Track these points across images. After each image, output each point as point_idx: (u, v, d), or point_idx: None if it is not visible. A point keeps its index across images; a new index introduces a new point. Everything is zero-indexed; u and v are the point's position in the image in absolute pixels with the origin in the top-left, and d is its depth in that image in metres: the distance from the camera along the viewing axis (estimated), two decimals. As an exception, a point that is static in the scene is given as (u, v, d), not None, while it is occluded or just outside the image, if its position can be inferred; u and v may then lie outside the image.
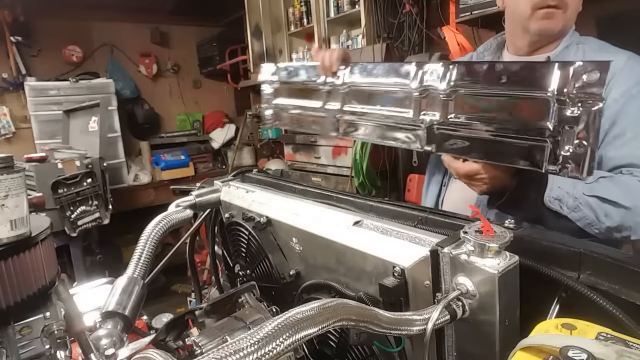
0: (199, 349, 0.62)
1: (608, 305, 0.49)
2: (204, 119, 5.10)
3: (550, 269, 0.55)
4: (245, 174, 1.22)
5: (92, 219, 2.94)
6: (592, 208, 0.87)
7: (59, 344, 0.67)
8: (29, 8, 3.72)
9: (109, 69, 4.39)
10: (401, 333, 0.51)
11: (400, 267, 0.59)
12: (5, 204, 0.67)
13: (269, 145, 4.48)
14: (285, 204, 0.87)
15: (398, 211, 0.79)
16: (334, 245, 0.71)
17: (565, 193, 0.87)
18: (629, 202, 0.85)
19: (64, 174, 2.80)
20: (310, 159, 3.19)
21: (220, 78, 4.89)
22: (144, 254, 0.80)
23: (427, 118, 0.89)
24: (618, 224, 0.86)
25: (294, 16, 3.69)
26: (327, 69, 1.11)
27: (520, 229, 0.64)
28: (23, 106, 3.84)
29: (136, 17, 4.49)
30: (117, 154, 3.96)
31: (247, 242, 0.96)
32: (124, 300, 0.71)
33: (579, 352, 0.38)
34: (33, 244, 0.73)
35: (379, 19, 2.91)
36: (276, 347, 0.39)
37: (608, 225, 0.86)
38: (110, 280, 0.92)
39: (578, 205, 0.87)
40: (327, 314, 0.44)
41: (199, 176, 4.44)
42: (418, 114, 0.91)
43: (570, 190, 0.87)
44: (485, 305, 0.52)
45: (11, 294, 0.69)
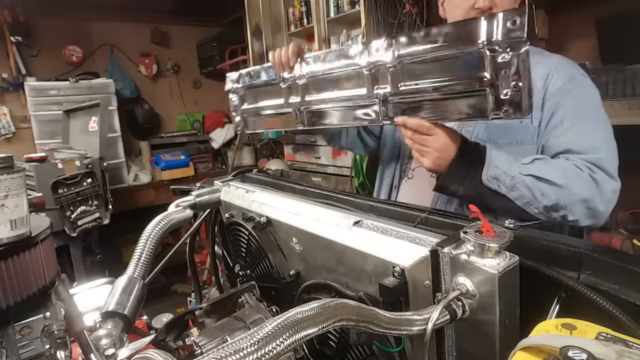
0: (199, 349, 0.62)
1: (608, 305, 0.49)
2: (204, 119, 5.09)
3: (550, 269, 0.55)
4: (245, 174, 1.22)
5: (92, 219, 2.94)
6: (528, 187, 0.91)
7: (59, 344, 0.67)
8: (29, 8, 3.72)
9: (109, 69, 4.39)
10: (401, 333, 0.51)
11: (400, 267, 0.59)
12: (5, 204, 0.67)
13: (269, 145, 4.48)
14: (285, 204, 0.87)
15: (398, 211, 0.79)
16: (334, 245, 0.71)
17: (502, 172, 0.91)
18: (562, 181, 0.90)
19: (64, 174, 2.80)
20: (310, 159, 3.19)
21: (220, 78, 4.83)
22: (144, 254, 0.80)
23: (381, 92, 0.96)
24: (554, 203, 0.91)
25: (294, 16, 3.69)
26: (285, 65, 1.16)
27: (520, 229, 0.64)
28: (23, 106, 3.84)
29: (136, 17, 4.49)
30: (117, 154, 3.96)
31: (247, 242, 0.96)
32: (124, 300, 0.71)
33: (579, 352, 0.38)
34: (33, 244, 0.73)
35: (379, 19, 2.91)
36: (276, 347, 0.38)
37: (545, 204, 0.91)
38: (110, 280, 0.92)
39: (515, 184, 0.91)
40: (327, 314, 0.44)
41: (199, 176, 4.44)
42: (372, 90, 0.97)
43: (507, 169, 0.91)
44: (485, 305, 0.52)
45: (11, 294, 0.69)
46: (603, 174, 0.94)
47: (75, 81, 3.78)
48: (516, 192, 0.91)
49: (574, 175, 0.92)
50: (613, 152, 0.98)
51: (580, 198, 0.91)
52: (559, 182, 0.90)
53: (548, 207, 0.91)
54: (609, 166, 0.95)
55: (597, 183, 0.92)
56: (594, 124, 1.00)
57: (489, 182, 0.91)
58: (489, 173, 0.91)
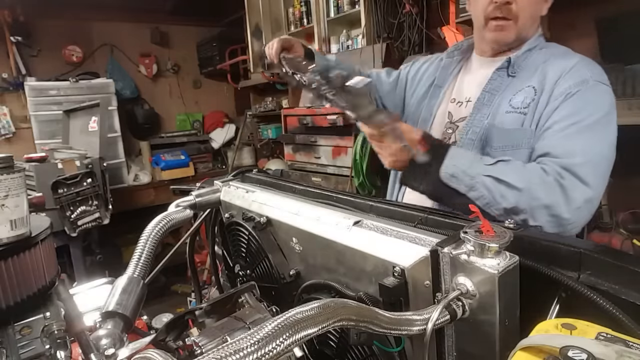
0: (199, 349, 0.62)
1: (608, 305, 0.49)
2: (204, 119, 5.10)
3: (550, 269, 0.55)
4: (245, 174, 1.21)
5: (92, 219, 2.94)
6: (488, 188, 0.89)
7: (59, 344, 0.67)
8: (29, 8, 3.72)
9: (109, 69, 4.39)
10: (401, 333, 0.51)
11: (400, 267, 0.59)
12: (5, 204, 0.67)
13: (269, 145, 4.48)
14: (285, 204, 0.87)
15: (398, 211, 0.79)
16: (334, 245, 0.71)
17: (460, 171, 0.91)
18: (522, 184, 0.88)
19: (64, 174, 2.80)
20: (310, 159, 3.19)
21: (220, 78, 4.89)
22: (144, 254, 0.80)
23: None
24: (513, 206, 0.88)
25: (294, 16, 3.69)
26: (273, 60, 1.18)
27: (520, 229, 0.64)
28: (23, 106, 3.84)
29: (136, 17, 4.49)
30: (117, 154, 3.96)
31: (247, 242, 0.96)
32: (124, 300, 0.71)
33: (579, 352, 0.38)
34: (33, 244, 0.73)
35: (379, 19, 2.91)
36: (276, 347, 0.38)
37: (504, 207, 0.89)
38: (110, 280, 0.92)
39: (475, 184, 0.90)
40: (327, 314, 0.44)
41: (199, 176, 4.45)
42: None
43: (467, 169, 0.91)
44: (485, 305, 0.52)
45: (11, 294, 0.69)
46: (575, 180, 0.89)
47: (75, 81, 3.78)
48: (476, 192, 0.90)
49: (537, 179, 0.89)
50: (597, 160, 0.92)
51: (541, 203, 0.87)
52: (518, 186, 0.88)
53: (508, 209, 0.89)
54: (585, 173, 0.89)
55: (563, 189, 0.88)
56: (585, 130, 0.94)
57: (447, 180, 0.92)
58: (447, 171, 0.92)
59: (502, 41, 1.11)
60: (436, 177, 0.93)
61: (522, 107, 1.03)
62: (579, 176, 0.89)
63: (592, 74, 0.99)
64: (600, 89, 0.99)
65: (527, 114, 1.02)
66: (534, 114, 1.01)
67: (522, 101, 1.03)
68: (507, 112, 1.05)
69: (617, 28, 2.04)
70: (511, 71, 1.09)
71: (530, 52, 1.10)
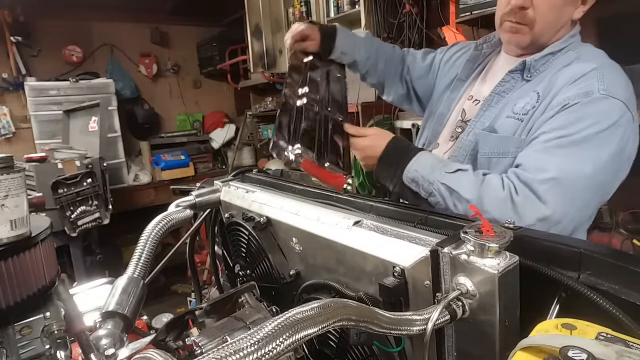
0: (199, 349, 0.62)
1: (608, 305, 0.49)
2: (204, 119, 5.10)
3: (550, 269, 0.55)
4: (245, 174, 1.21)
5: (92, 219, 2.94)
6: (443, 195, 0.92)
7: (59, 344, 0.67)
8: (29, 8, 3.72)
9: (109, 69, 4.39)
10: (401, 333, 0.51)
11: (400, 267, 0.59)
12: (5, 204, 0.67)
13: (269, 145, 4.47)
14: (285, 204, 0.87)
15: (398, 211, 0.79)
16: (334, 245, 0.71)
17: (420, 176, 0.94)
18: (472, 196, 0.88)
19: (64, 174, 2.80)
20: (310, 159, 3.18)
21: (220, 78, 4.89)
22: (144, 254, 0.80)
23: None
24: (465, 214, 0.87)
25: (294, 16, 3.68)
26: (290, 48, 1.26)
27: (520, 229, 0.64)
28: (23, 106, 3.84)
29: (136, 17, 4.49)
30: (117, 154, 3.96)
31: (247, 242, 0.96)
32: (124, 300, 0.71)
33: (579, 352, 0.38)
34: (33, 244, 0.73)
35: (379, 19, 2.91)
36: (276, 347, 0.38)
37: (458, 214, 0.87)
38: (110, 280, 0.92)
39: (433, 191, 0.93)
40: (327, 314, 0.44)
41: (199, 176, 4.45)
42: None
43: (427, 175, 0.94)
44: (485, 305, 0.52)
45: (11, 294, 0.69)
46: (531, 196, 0.84)
47: (75, 81, 3.78)
48: (434, 198, 0.93)
49: (491, 192, 0.87)
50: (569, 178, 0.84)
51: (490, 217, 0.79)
52: (468, 197, 0.88)
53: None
54: (545, 190, 0.83)
55: (514, 205, 0.84)
56: (569, 145, 0.86)
57: (408, 184, 0.96)
58: (408, 175, 0.96)
59: (516, 43, 1.05)
60: (400, 180, 0.98)
61: (521, 114, 0.98)
62: (537, 193, 0.84)
63: (605, 85, 0.88)
64: (606, 103, 0.87)
65: (524, 121, 0.97)
66: (529, 122, 0.95)
67: (522, 107, 0.98)
68: (507, 117, 1.00)
69: (617, 28, 2.04)
70: (527, 75, 1.02)
71: (553, 56, 1.01)
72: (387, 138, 1.03)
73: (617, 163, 0.89)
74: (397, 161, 0.99)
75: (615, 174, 0.91)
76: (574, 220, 0.88)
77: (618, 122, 0.87)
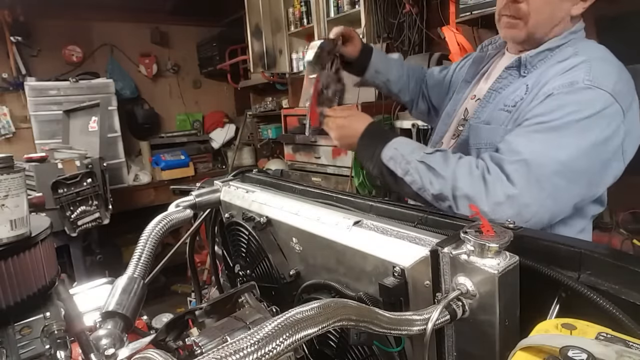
0: (199, 349, 0.62)
1: (608, 305, 0.49)
2: (204, 119, 5.10)
3: (550, 269, 0.55)
4: (245, 174, 1.21)
5: (92, 219, 2.94)
6: (419, 173, 0.95)
7: (59, 344, 0.67)
8: (29, 8, 3.72)
9: (109, 69, 4.39)
10: (401, 333, 0.51)
11: (400, 267, 0.59)
12: (5, 204, 0.67)
13: (269, 145, 4.48)
14: (285, 204, 0.87)
15: (398, 211, 0.79)
16: (334, 245, 0.71)
17: (399, 154, 0.98)
18: (447, 173, 0.92)
19: (64, 174, 2.80)
20: (310, 159, 3.19)
21: (220, 78, 4.89)
22: (144, 254, 0.80)
23: None
24: (439, 192, 0.92)
25: (294, 16, 3.69)
26: None
27: (520, 229, 0.64)
28: (23, 106, 3.84)
29: (136, 17, 4.49)
30: (117, 154, 3.96)
31: (247, 242, 0.96)
32: (124, 300, 0.71)
33: (579, 352, 0.38)
34: (33, 244, 0.73)
35: (379, 19, 2.91)
36: (276, 347, 0.38)
37: (432, 192, 0.94)
38: (110, 280, 0.92)
39: (409, 169, 0.96)
40: (327, 314, 0.44)
41: (199, 176, 4.45)
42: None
43: (405, 154, 0.98)
44: (485, 305, 0.52)
45: (11, 294, 0.69)
46: (500, 176, 0.87)
47: (75, 81, 3.78)
48: (410, 177, 0.96)
49: (464, 170, 0.91)
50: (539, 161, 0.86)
51: (462, 193, 0.89)
52: (443, 174, 0.92)
53: (435, 195, 0.93)
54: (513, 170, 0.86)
55: (485, 183, 0.87)
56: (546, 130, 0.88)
57: (386, 162, 1.00)
58: (387, 153, 1.00)
59: (511, 38, 1.07)
60: (379, 159, 1.01)
61: (510, 106, 1.00)
62: (506, 172, 0.87)
63: (591, 77, 0.89)
64: (590, 92, 0.88)
65: (512, 112, 0.99)
66: (516, 112, 0.98)
67: (512, 99, 1.01)
68: (499, 110, 1.03)
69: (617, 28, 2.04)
70: (523, 71, 1.03)
71: (551, 52, 1.01)
72: (366, 120, 1.08)
73: (601, 153, 0.88)
74: (376, 141, 1.03)
75: (601, 165, 0.90)
76: (548, 208, 0.87)
77: (602, 112, 0.87)
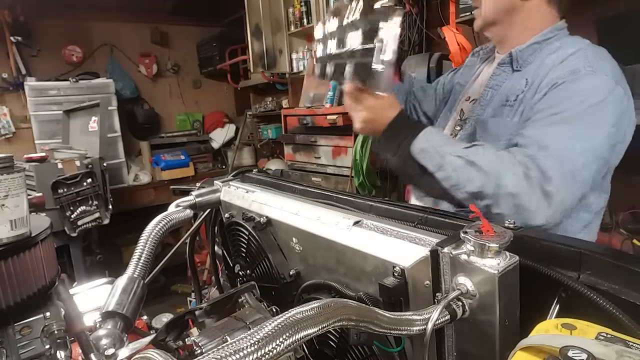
0: (199, 349, 0.62)
1: (608, 305, 0.49)
2: (204, 119, 5.10)
3: (550, 269, 0.55)
4: (245, 174, 1.21)
5: (92, 219, 2.94)
6: (456, 169, 0.88)
7: (59, 344, 0.67)
8: (29, 8, 3.72)
9: (109, 69, 4.39)
10: (401, 333, 0.51)
11: (400, 267, 0.59)
12: (5, 204, 0.67)
13: (269, 145, 4.48)
14: (285, 204, 0.87)
15: (398, 211, 0.79)
16: (334, 245, 0.71)
17: (432, 146, 0.90)
18: (491, 169, 0.86)
19: (64, 174, 2.80)
20: (310, 159, 3.19)
21: (220, 78, 4.90)
22: (144, 254, 0.80)
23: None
24: (479, 190, 0.86)
25: (294, 16, 3.69)
26: None
27: (521, 229, 0.64)
28: (23, 106, 3.84)
29: (136, 17, 4.50)
30: (117, 154, 3.96)
31: (247, 242, 0.96)
32: (124, 300, 0.71)
33: (579, 352, 0.38)
34: (33, 244, 0.73)
35: (379, 19, 2.91)
36: (276, 347, 0.38)
37: (470, 190, 0.87)
38: (110, 280, 0.92)
39: (443, 164, 0.88)
40: (327, 314, 0.44)
41: (199, 176, 4.45)
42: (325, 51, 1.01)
43: (439, 147, 0.90)
44: (485, 305, 0.52)
45: (11, 294, 0.69)
46: (539, 174, 0.85)
47: (75, 81, 3.78)
48: (443, 172, 0.89)
49: (508, 166, 0.87)
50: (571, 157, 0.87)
51: (507, 191, 0.84)
52: (487, 169, 0.86)
53: (473, 193, 0.87)
54: (549, 167, 0.85)
55: (530, 180, 0.85)
56: (561, 122, 0.89)
57: (417, 154, 0.91)
58: (418, 144, 0.91)
59: (476, 28, 1.15)
60: (407, 150, 0.92)
61: (512, 100, 1.02)
62: (542, 169, 0.85)
63: (588, 63, 0.93)
64: (593, 78, 0.92)
65: (514, 106, 1.01)
66: (520, 106, 1.00)
67: (513, 93, 1.03)
68: (502, 106, 1.05)
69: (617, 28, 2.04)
70: (515, 65, 1.07)
71: (538, 45, 1.05)
72: (397, 107, 0.97)
73: (613, 137, 0.91)
74: (406, 130, 0.93)
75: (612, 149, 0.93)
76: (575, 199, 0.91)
77: (609, 97, 0.90)
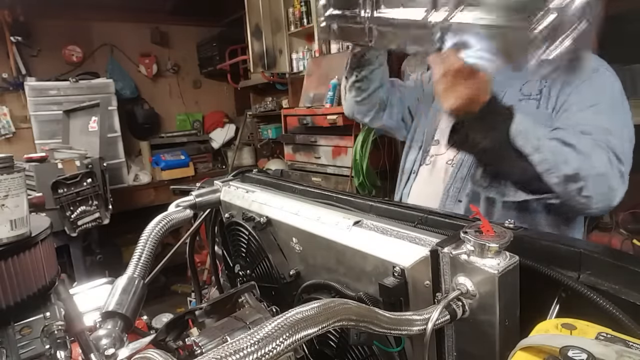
0: (199, 349, 0.62)
1: (608, 305, 0.49)
2: (204, 119, 5.10)
3: (550, 269, 0.55)
4: (245, 174, 1.22)
5: (92, 219, 2.94)
6: (552, 151, 0.87)
7: (59, 344, 0.67)
8: (29, 8, 3.72)
9: (109, 69, 4.39)
10: (401, 333, 0.51)
11: (400, 267, 0.59)
12: (5, 204, 0.67)
13: (269, 145, 4.48)
14: (285, 204, 0.87)
15: (398, 211, 0.79)
16: (334, 245, 0.71)
17: (530, 127, 0.87)
18: (586, 149, 0.88)
19: (64, 174, 2.80)
20: (310, 159, 3.19)
21: (220, 78, 4.89)
22: (144, 254, 0.80)
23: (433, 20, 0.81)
24: (575, 172, 0.86)
25: (294, 16, 3.69)
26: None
27: (521, 229, 0.64)
28: (23, 106, 3.84)
29: (136, 17, 4.50)
30: (117, 154, 3.96)
31: (247, 242, 0.96)
32: (124, 300, 0.71)
33: (579, 352, 0.38)
34: (33, 244, 0.73)
35: (379, 19, 2.90)
36: (276, 347, 0.38)
37: (565, 173, 0.86)
38: (110, 280, 0.92)
39: (540, 146, 0.86)
40: (327, 314, 0.44)
41: (199, 176, 4.45)
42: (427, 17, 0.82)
43: (532, 130, 0.87)
44: (485, 305, 0.52)
45: (11, 294, 0.69)
46: (614, 156, 0.91)
47: (75, 81, 3.78)
48: (540, 155, 0.86)
49: (593, 148, 0.90)
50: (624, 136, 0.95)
51: (598, 172, 0.88)
52: (583, 150, 0.88)
53: (568, 176, 0.86)
54: (618, 149, 0.92)
55: (611, 162, 0.90)
56: (606, 108, 0.98)
57: (515, 136, 0.85)
58: (518, 127, 0.85)
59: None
60: (505, 132, 0.85)
61: (534, 94, 1.06)
62: (615, 152, 0.91)
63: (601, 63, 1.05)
64: (609, 75, 1.04)
65: (541, 98, 1.05)
66: (549, 97, 1.04)
67: (534, 87, 1.07)
68: (520, 100, 1.07)
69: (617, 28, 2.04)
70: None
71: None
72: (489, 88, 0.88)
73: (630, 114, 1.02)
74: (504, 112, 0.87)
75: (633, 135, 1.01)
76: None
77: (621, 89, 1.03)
